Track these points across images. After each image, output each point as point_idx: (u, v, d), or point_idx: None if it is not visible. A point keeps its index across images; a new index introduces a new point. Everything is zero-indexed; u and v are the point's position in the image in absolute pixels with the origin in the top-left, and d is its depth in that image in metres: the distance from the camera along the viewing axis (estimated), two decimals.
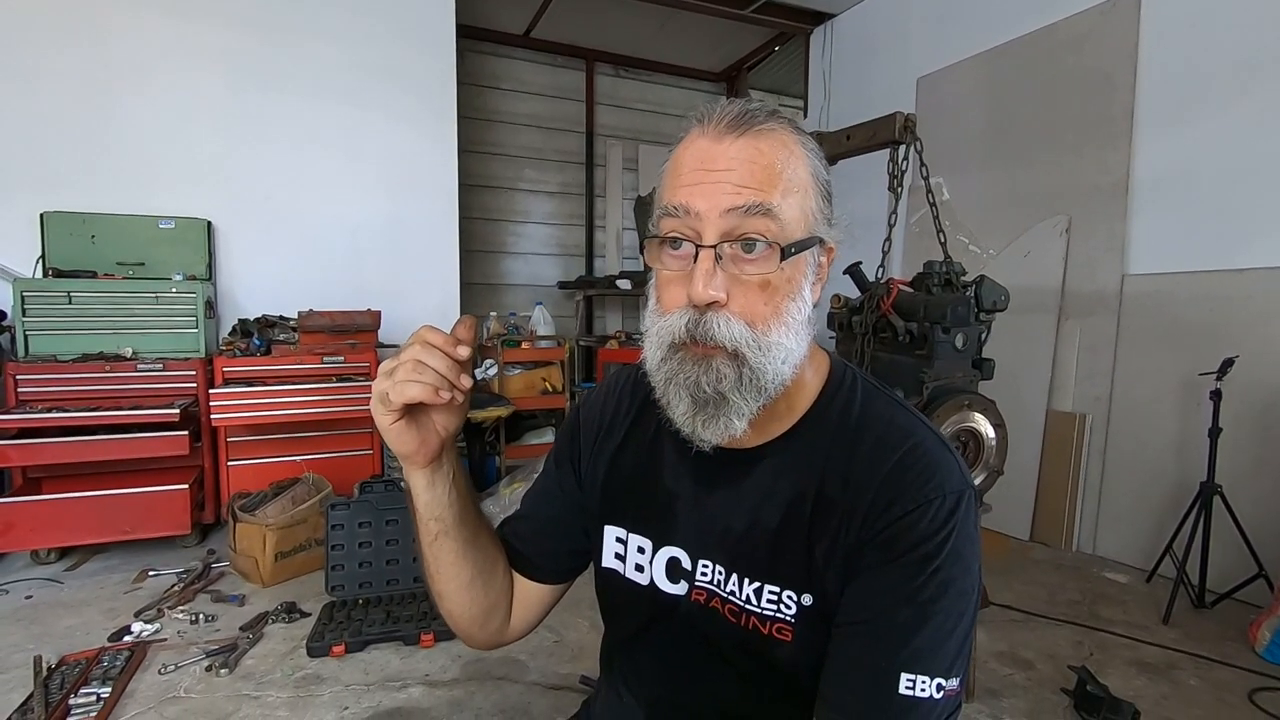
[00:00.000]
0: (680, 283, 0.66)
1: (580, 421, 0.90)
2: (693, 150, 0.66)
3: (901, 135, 2.17)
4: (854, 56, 4.99)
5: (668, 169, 0.69)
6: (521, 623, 0.90)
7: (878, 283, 2.25)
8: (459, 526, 0.78)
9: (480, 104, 5.53)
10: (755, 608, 0.72)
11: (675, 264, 0.67)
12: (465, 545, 0.79)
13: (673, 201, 0.65)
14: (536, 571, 0.88)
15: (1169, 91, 3.11)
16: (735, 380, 0.65)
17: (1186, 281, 3.03)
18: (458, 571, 0.80)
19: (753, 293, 0.65)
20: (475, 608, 0.83)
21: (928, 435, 0.70)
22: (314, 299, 3.67)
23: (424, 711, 1.96)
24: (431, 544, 0.78)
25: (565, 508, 0.88)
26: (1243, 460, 2.75)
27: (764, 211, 0.63)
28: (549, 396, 4.45)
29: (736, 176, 0.64)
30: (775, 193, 0.64)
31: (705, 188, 0.64)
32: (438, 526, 0.77)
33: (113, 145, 3.49)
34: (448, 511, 0.77)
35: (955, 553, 0.64)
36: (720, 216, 0.63)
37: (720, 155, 0.64)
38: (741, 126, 0.65)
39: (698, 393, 0.66)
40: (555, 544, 0.89)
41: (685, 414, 0.67)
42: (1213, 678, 2.22)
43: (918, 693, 0.62)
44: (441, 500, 0.76)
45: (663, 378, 0.68)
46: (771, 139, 0.65)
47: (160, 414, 2.92)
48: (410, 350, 0.68)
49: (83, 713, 1.83)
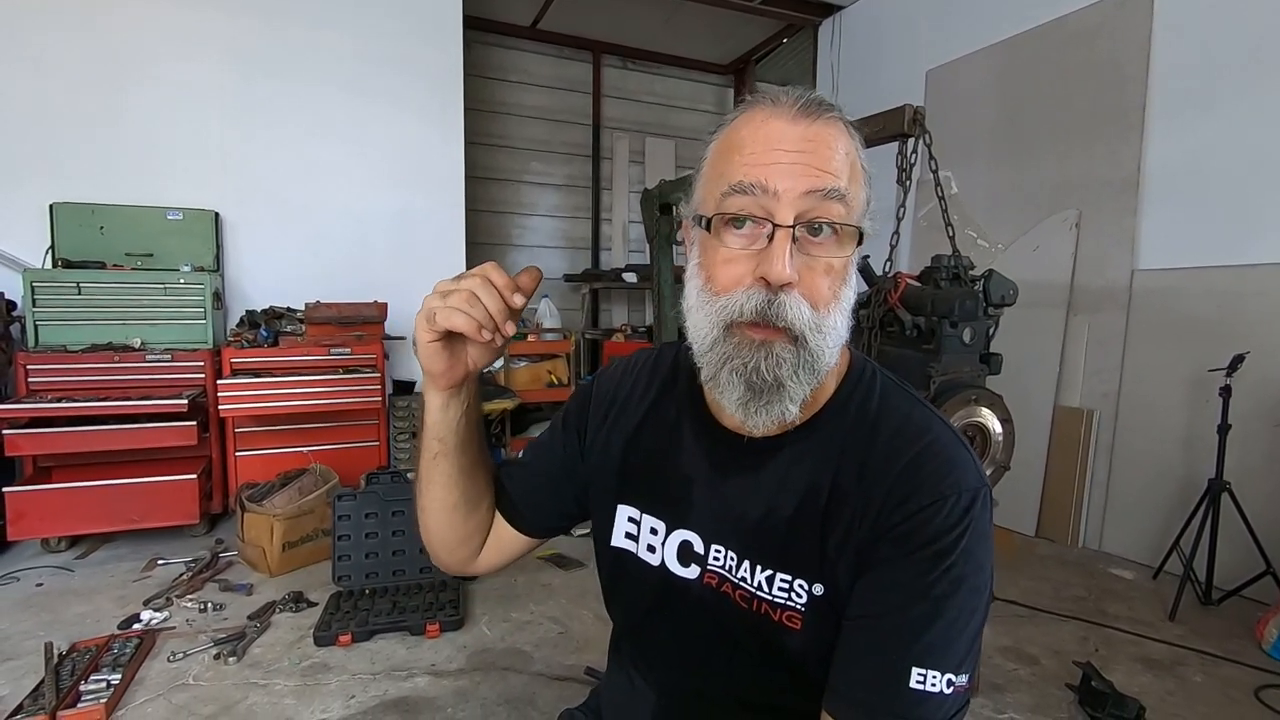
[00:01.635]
0: (743, 261, 0.65)
1: (594, 392, 0.90)
2: (766, 129, 0.65)
3: (910, 128, 2.15)
4: (863, 49, 4.95)
5: (726, 147, 0.67)
6: (489, 561, 0.93)
7: (885, 276, 2.24)
8: (459, 453, 0.81)
9: (487, 96, 5.52)
10: (766, 595, 0.72)
11: (738, 242, 0.65)
12: (459, 472, 0.82)
13: (747, 178, 0.63)
14: (519, 519, 0.91)
15: (1181, 85, 3.08)
16: (794, 365, 0.64)
17: (1197, 277, 3.00)
18: (445, 493, 0.84)
19: (819, 276, 0.65)
20: (451, 532, 0.87)
21: (945, 431, 0.70)
22: (321, 290, 3.68)
23: (429, 701, 1.97)
24: (429, 461, 0.82)
25: (561, 468, 0.90)
26: (1251, 457, 2.73)
27: (839, 196, 0.63)
28: (554, 389, 4.45)
29: (817, 159, 0.63)
30: (846, 179, 0.64)
31: (783, 168, 0.63)
32: (439, 447, 0.80)
33: (121, 136, 3.50)
34: (452, 435, 0.80)
35: (969, 550, 0.64)
36: (799, 198, 0.63)
37: (798, 136, 0.64)
38: (814, 112, 0.65)
39: (755, 379, 0.65)
40: (543, 498, 0.91)
41: (739, 399, 0.67)
42: (1219, 675, 2.21)
43: (928, 687, 0.63)
44: (450, 424, 0.79)
45: (715, 359, 0.67)
46: (837, 127, 0.66)
47: (168, 404, 2.94)
48: (470, 280, 0.69)
49: (93, 699, 1.85)
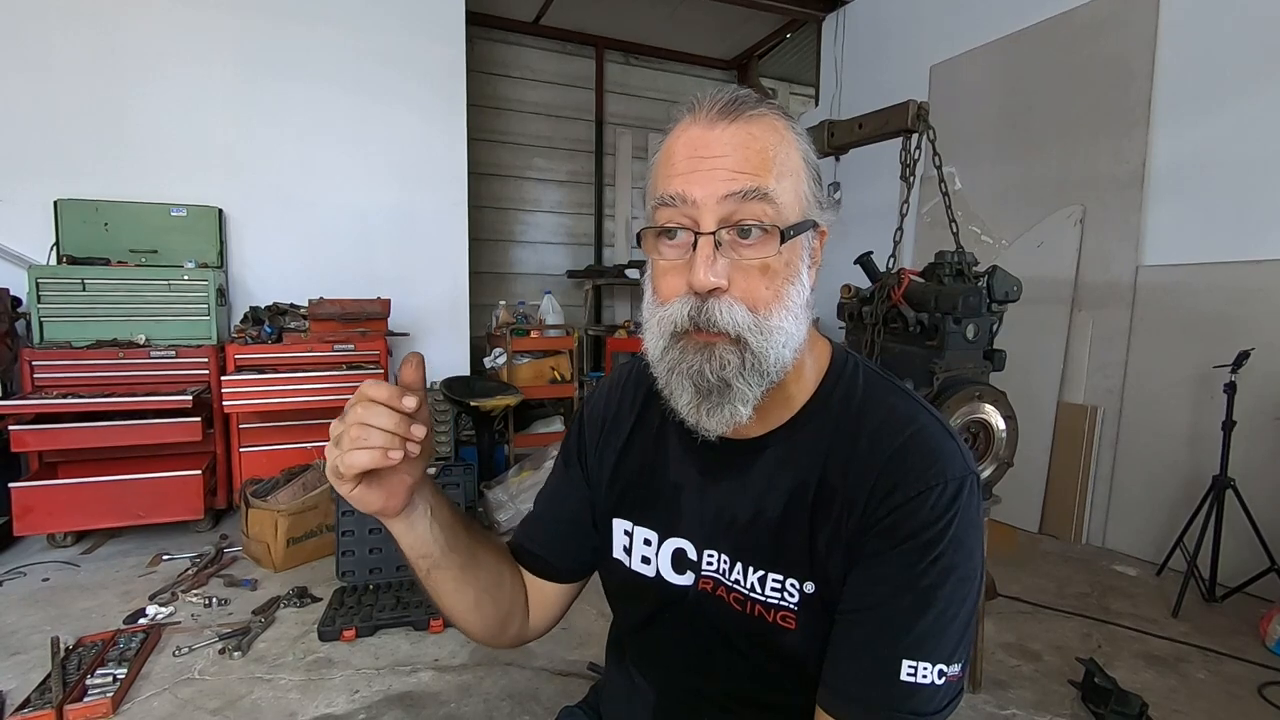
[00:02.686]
0: (678, 272, 0.65)
1: (585, 418, 0.90)
2: (685, 139, 0.66)
3: (914, 124, 2.15)
4: (866, 44, 4.93)
5: (659, 160, 0.68)
6: (543, 621, 0.90)
7: (889, 273, 2.23)
8: (449, 556, 0.76)
9: (489, 92, 5.51)
10: (759, 596, 0.72)
11: (672, 253, 0.66)
12: (462, 572, 0.78)
13: (668, 191, 0.65)
14: (554, 573, 0.88)
15: (1187, 80, 3.06)
16: (739, 366, 0.65)
17: (1202, 273, 2.99)
18: (460, 598, 0.79)
19: (753, 277, 0.64)
20: (487, 621, 0.83)
21: (930, 421, 0.70)
22: (324, 287, 3.69)
23: (433, 695, 1.98)
24: (426, 578, 0.77)
25: (578, 505, 0.88)
26: (1256, 453, 2.73)
27: (761, 196, 0.63)
28: (557, 385, 4.46)
29: (731, 162, 0.63)
30: (770, 177, 0.64)
31: (700, 175, 0.63)
32: (427, 563, 0.76)
33: (125, 133, 3.51)
34: (434, 548, 0.75)
35: (957, 539, 0.64)
36: (718, 203, 0.63)
37: (714, 142, 0.64)
38: (733, 113, 0.65)
39: (701, 381, 0.65)
40: (571, 544, 0.88)
41: (690, 403, 0.67)
42: (1222, 672, 2.21)
43: (919, 679, 0.63)
44: (425, 539, 0.74)
45: (665, 368, 0.68)
46: (762, 124, 0.65)
47: (173, 400, 2.95)
48: (353, 413, 0.63)
49: (99, 693, 1.86)
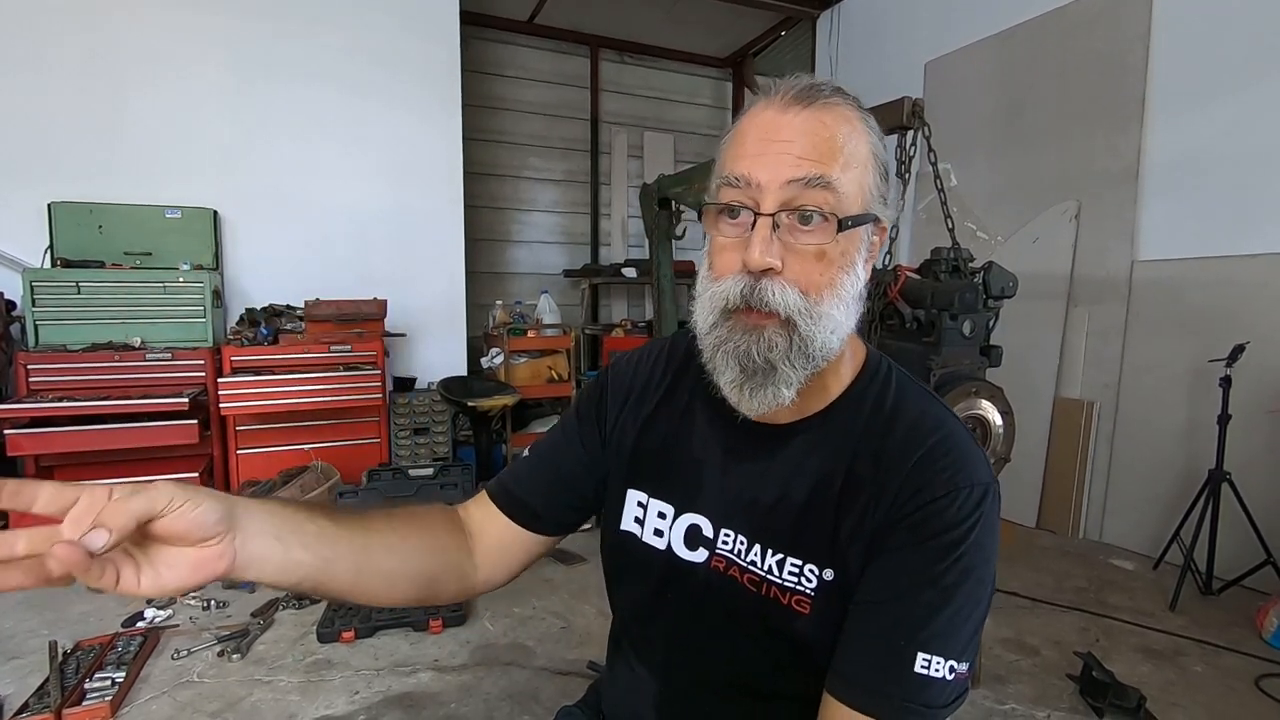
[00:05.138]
0: (735, 249, 0.67)
1: (609, 381, 0.89)
2: (758, 121, 0.67)
3: (909, 121, 2.14)
4: (861, 41, 4.93)
5: (730, 139, 0.69)
6: (500, 572, 0.87)
7: (885, 269, 2.23)
8: (330, 566, 0.69)
9: (484, 91, 5.50)
10: (776, 578, 0.73)
11: (732, 231, 0.67)
12: (356, 574, 0.72)
13: (734, 171, 0.66)
14: (534, 521, 0.87)
15: (1182, 75, 3.07)
16: (785, 349, 0.66)
17: (1197, 267, 3.00)
18: (366, 589, 0.74)
19: (808, 262, 0.66)
20: (417, 592, 0.79)
21: (958, 428, 0.72)
22: (320, 288, 3.68)
23: (433, 696, 1.98)
24: (323, 594, 0.72)
25: (580, 462, 0.87)
26: (1252, 447, 2.74)
27: (823, 184, 0.64)
28: (555, 385, 4.45)
29: (798, 148, 0.64)
30: (835, 166, 0.65)
31: (768, 158, 0.65)
32: (310, 585, 0.68)
33: (119, 135, 3.49)
34: (305, 570, 0.67)
35: (978, 543, 0.66)
36: (780, 187, 0.64)
37: (784, 126, 0.65)
38: (807, 99, 0.66)
39: (747, 361, 0.67)
40: (562, 496, 0.88)
41: (733, 382, 0.68)
42: (1219, 664, 2.22)
43: (932, 672, 0.64)
44: (288, 569, 0.66)
45: (712, 343, 0.69)
46: (835, 113, 0.66)
47: (170, 403, 2.94)
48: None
49: (98, 696, 1.86)
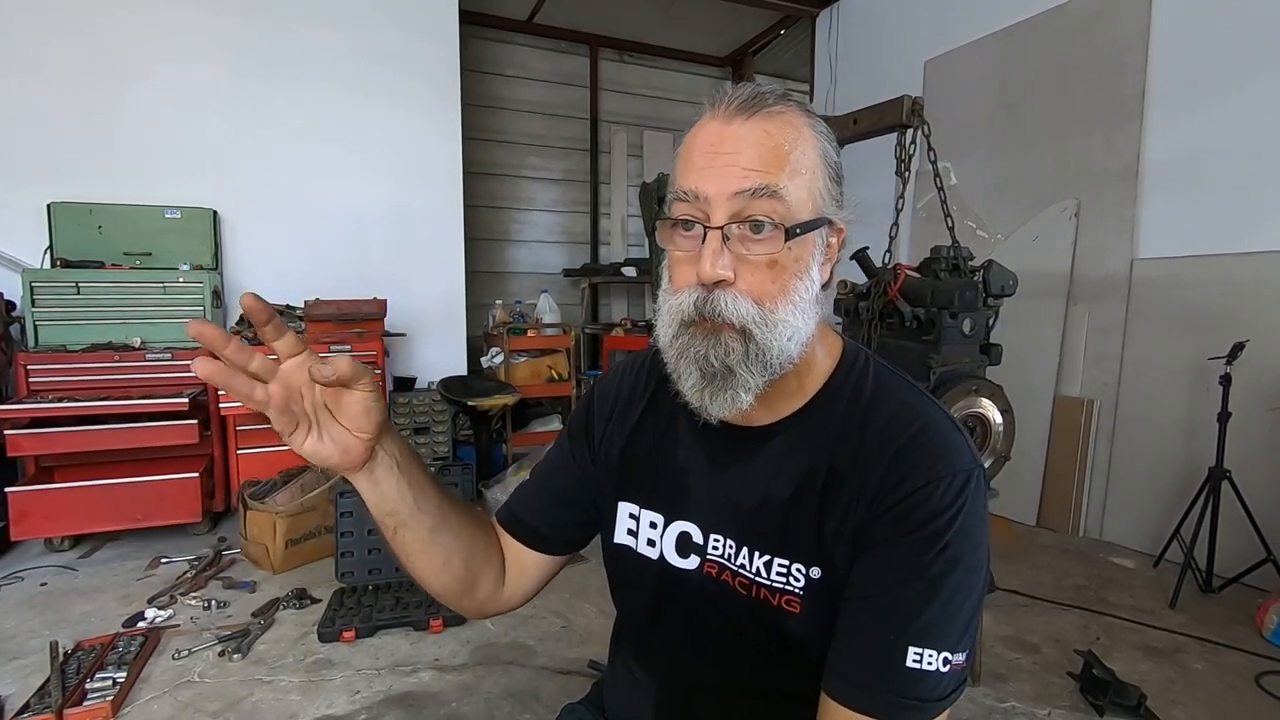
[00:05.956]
0: (690, 263, 0.68)
1: (595, 397, 0.92)
2: (704, 133, 0.68)
3: (909, 119, 2.15)
4: (861, 40, 4.93)
5: (680, 153, 0.70)
6: (518, 592, 0.90)
7: (885, 268, 2.23)
8: (417, 516, 0.75)
9: (484, 90, 5.50)
10: (765, 580, 0.73)
11: (686, 245, 0.69)
12: (430, 533, 0.77)
13: (684, 186, 0.67)
14: (542, 542, 0.89)
15: (1181, 73, 3.06)
16: (742, 354, 0.67)
17: (1197, 265, 3.00)
18: (428, 559, 0.79)
19: (760, 272, 0.66)
20: (455, 580, 0.82)
21: (938, 415, 0.72)
22: (320, 288, 3.68)
23: (434, 695, 1.98)
24: (393, 538, 0.77)
25: (576, 480, 0.90)
26: (1252, 445, 2.74)
27: (770, 193, 0.64)
28: (555, 384, 4.45)
29: (744, 159, 0.65)
30: (782, 174, 0.65)
31: (714, 171, 0.65)
32: (394, 521, 0.75)
33: (119, 135, 3.49)
34: (400, 505, 0.74)
35: (964, 530, 0.66)
36: (728, 199, 0.65)
37: (729, 137, 0.66)
38: (751, 109, 0.66)
39: (706, 366, 0.68)
40: (564, 515, 0.90)
41: (694, 387, 0.69)
42: (1219, 662, 2.22)
43: (925, 665, 0.64)
44: (391, 496, 0.73)
45: (674, 353, 0.70)
46: (780, 120, 0.67)
47: (170, 403, 2.94)
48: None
49: (99, 697, 1.86)
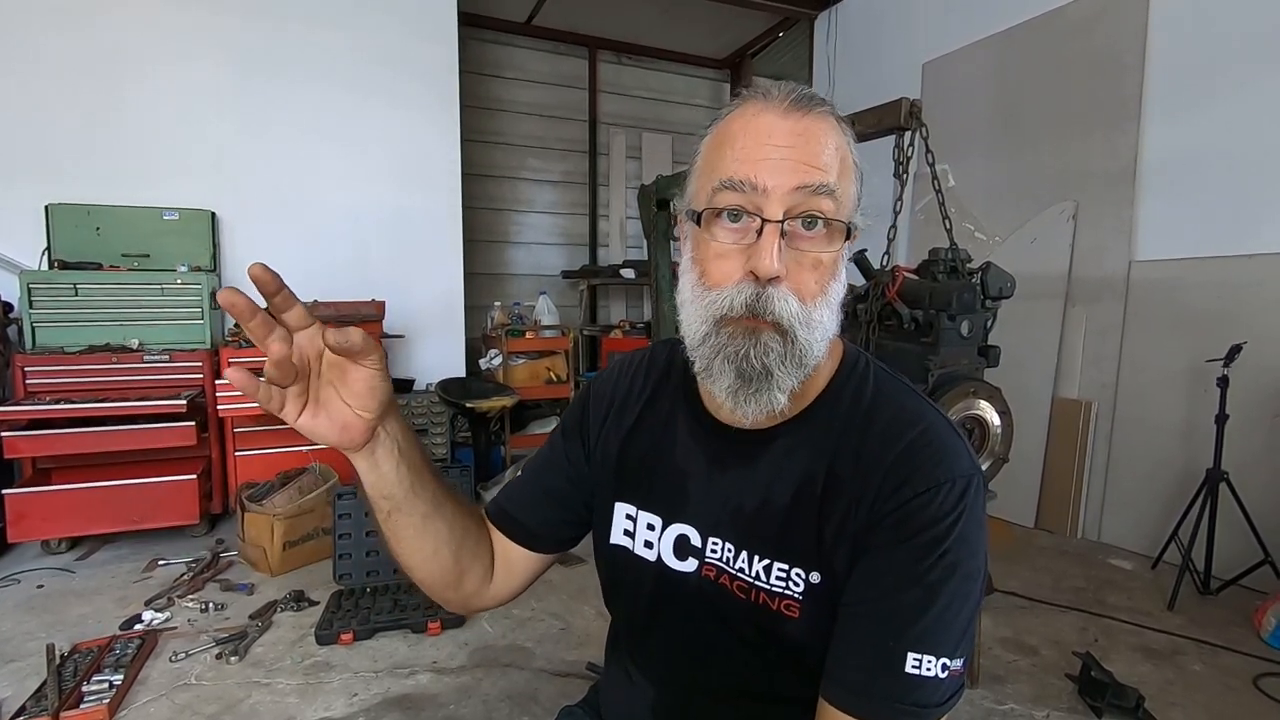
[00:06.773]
0: (734, 256, 0.65)
1: (591, 396, 0.90)
2: (756, 124, 0.65)
3: (907, 121, 2.15)
4: (859, 42, 4.94)
5: (720, 142, 0.67)
6: (506, 588, 0.89)
7: (883, 270, 2.23)
8: (412, 501, 0.75)
9: (483, 92, 5.50)
10: (764, 584, 0.73)
11: (730, 237, 0.66)
12: (424, 520, 0.77)
13: (736, 175, 0.64)
14: (532, 540, 0.88)
15: (1179, 75, 3.07)
16: (781, 355, 0.65)
17: (1195, 267, 3.00)
18: (418, 545, 0.78)
19: (805, 270, 0.65)
20: (444, 571, 0.82)
21: (938, 420, 0.71)
22: (318, 289, 3.67)
23: (432, 698, 1.98)
24: (386, 521, 0.76)
25: (569, 479, 0.89)
26: (1250, 447, 2.74)
27: (829, 191, 0.64)
28: (553, 386, 4.46)
29: (805, 154, 0.64)
30: (837, 174, 0.65)
31: (772, 163, 0.63)
32: (389, 505, 0.74)
33: (117, 136, 3.49)
34: (396, 489, 0.73)
35: (963, 536, 0.65)
36: (788, 193, 0.63)
37: (788, 131, 0.64)
38: (806, 106, 0.65)
39: (745, 366, 0.66)
40: (555, 513, 0.89)
41: (729, 387, 0.67)
42: (1218, 663, 2.22)
43: (923, 671, 0.63)
44: (389, 478, 0.73)
45: (708, 351, 0.68)
46: (828, 123, 0.66)
47: (167, 405, 2.93)
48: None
49: (96, 699, 1.85)
